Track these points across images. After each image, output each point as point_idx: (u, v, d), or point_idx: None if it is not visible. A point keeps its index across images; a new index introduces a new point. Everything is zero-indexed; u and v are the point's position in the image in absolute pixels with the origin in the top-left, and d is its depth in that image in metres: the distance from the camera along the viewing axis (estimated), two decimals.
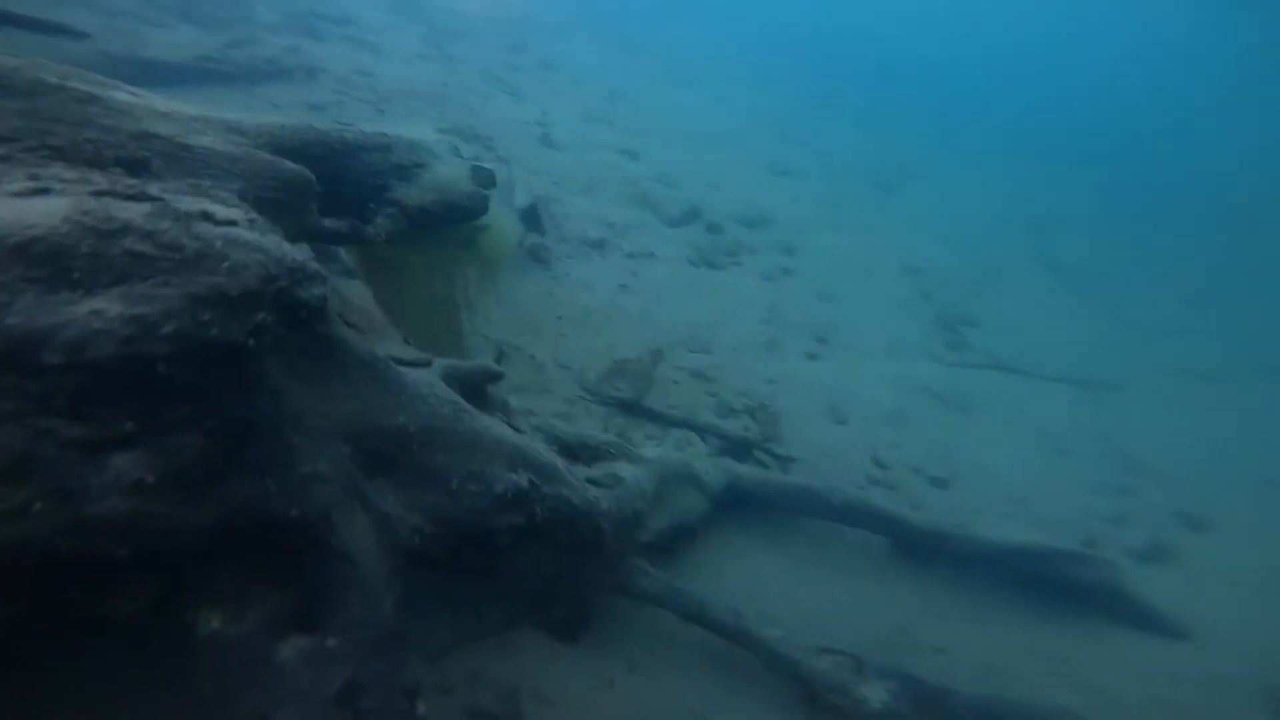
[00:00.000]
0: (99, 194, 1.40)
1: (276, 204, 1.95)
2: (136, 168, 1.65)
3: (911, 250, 9.41)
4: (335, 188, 2.43)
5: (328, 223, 2.23)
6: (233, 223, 1.56)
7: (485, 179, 3.49)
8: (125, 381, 1.20)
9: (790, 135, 13.24)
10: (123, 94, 1.92)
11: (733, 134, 11.92)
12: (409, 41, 9.87)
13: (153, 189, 1.57)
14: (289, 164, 2.00)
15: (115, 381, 1.19)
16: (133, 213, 1.33)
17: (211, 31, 7.70)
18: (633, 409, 4.57)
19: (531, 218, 5.44)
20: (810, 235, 8.90)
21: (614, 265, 6.25)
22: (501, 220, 3.64)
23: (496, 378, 2.62)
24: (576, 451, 3.13)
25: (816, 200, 10.42)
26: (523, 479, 2.29)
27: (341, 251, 3.18)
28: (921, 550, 4.18)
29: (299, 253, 1.68)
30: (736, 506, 4.10)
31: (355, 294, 3.25)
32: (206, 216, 1.52)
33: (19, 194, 1.31)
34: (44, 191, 1.34)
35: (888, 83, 19.71)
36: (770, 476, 4.52)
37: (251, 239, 1.53)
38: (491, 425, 2.36)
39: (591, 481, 3.00)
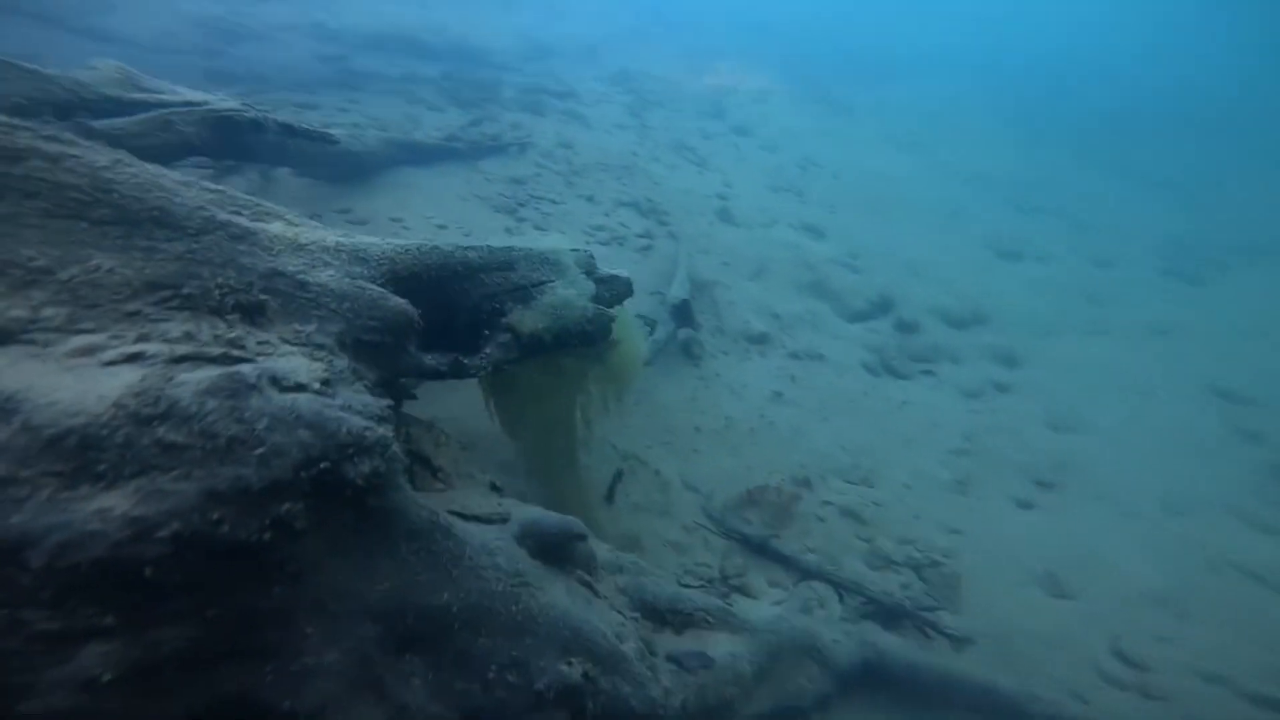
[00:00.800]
0: (180, 360, 1.53)
1: (373, 346, 2.06)
2: (253, 313, 1.82)
3: (1228, 367, 7.29)
4: (449, 315, 2.55)
5: (429, 359, 2.33)
6: (300, 387, 1.64)
7: (620, 290, 3.49)
8: (112, 580, 1.24)
9: (1033, 205, 11.73)
10: (277, 225, 2.18)
11: (951, 205, 10.94)
12: (613, 111, 10.73)
13: (251, 341, 1.71)
14: (392, 302, 2.12)
15: (101, 580, 1.23)
16: (189, 388, 1.43)
17: (466, 111, 9.04)
18: (760, 548, 4.19)
19: (684, 313, 5.40)
20: (1045, 340, 7.55)
21: (772, 367, 5.94)
22: (631, 335, 3.61)
23: (579, 538, 2.51)
24: (666, 617, 2.88)
25: (1064, 292, 8.87)
26: (575, 671, 2.12)
27: None
28: None
29: (361, 419, 1.72)
30: (876, 686, 3.51)
31: (475, 404, 3.40)
32: (275, 382, 1.61)
33: (110, 363, 1.47)
34: (135, 358, 1.50)
35: (1210, 137, 16.67)
36: (929, 659, 3.82)
37: (309, 411, 1.59)
38: (555, 602, 2.23)
39: (674, 660, 2.73)
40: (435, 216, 6.16)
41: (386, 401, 2.01)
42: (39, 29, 8.55)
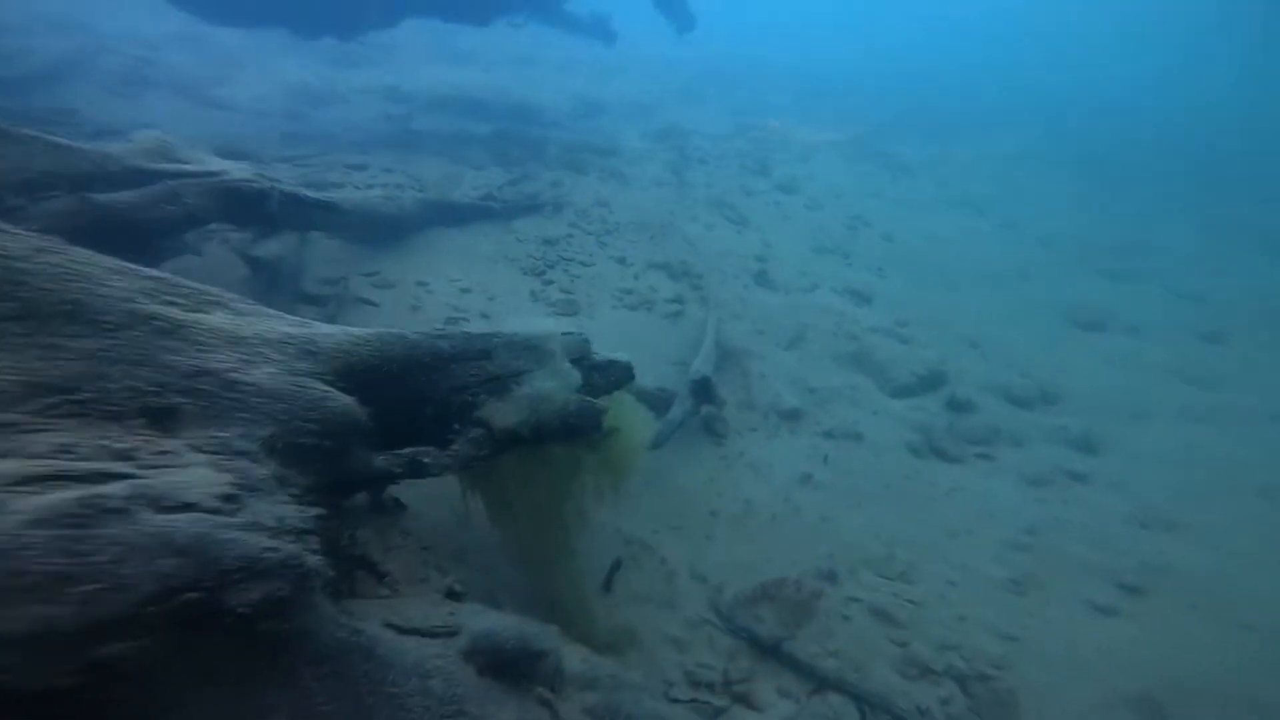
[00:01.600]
0: (30, 480, 1.44)
1: (310, 449, 1.97)
2: (163, 418, 1.74)
3: None
4: (414, 408, 2.45)
5: (380, 459, 2.22)
6: (188, 507, 1.54)
7: (618, 377, 3.35)
8: None
9: (1121, 270, 10.82)
10: (218, 316, 2.13)
11: (1019, 270, 10.25)
12: (654, 169, 10.79)
13: (147, 452, 1.63)
14: (335, 402, 2.03)
15: None
16: (16, 518, 1.33)
17: (509, 169, 9.23)
18: (771, 651, 3.83)
19: (704, 390, 5.19)
20: (1132, 424, 6.81)
21: (803, 446, 5.60)
22: (631, 423, 3.44)
23: (539, 655, 2.31)
24: None
25: (1157, 370, 8.03)
26: None
27: None
28: None
29: (266, 539, 1.61)
30: None
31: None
32: (153, 502, 1.51)
33: None
34: None
35: None
36: None
37: (187, 535, 1.48)
38: None
39: None
40: (461, 280, 6.23)
41: (314, 512, 1.90)
42: (174, 99, 10.27)
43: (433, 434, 2.55)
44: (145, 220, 3.24)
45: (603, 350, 3.32)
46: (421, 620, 2.21)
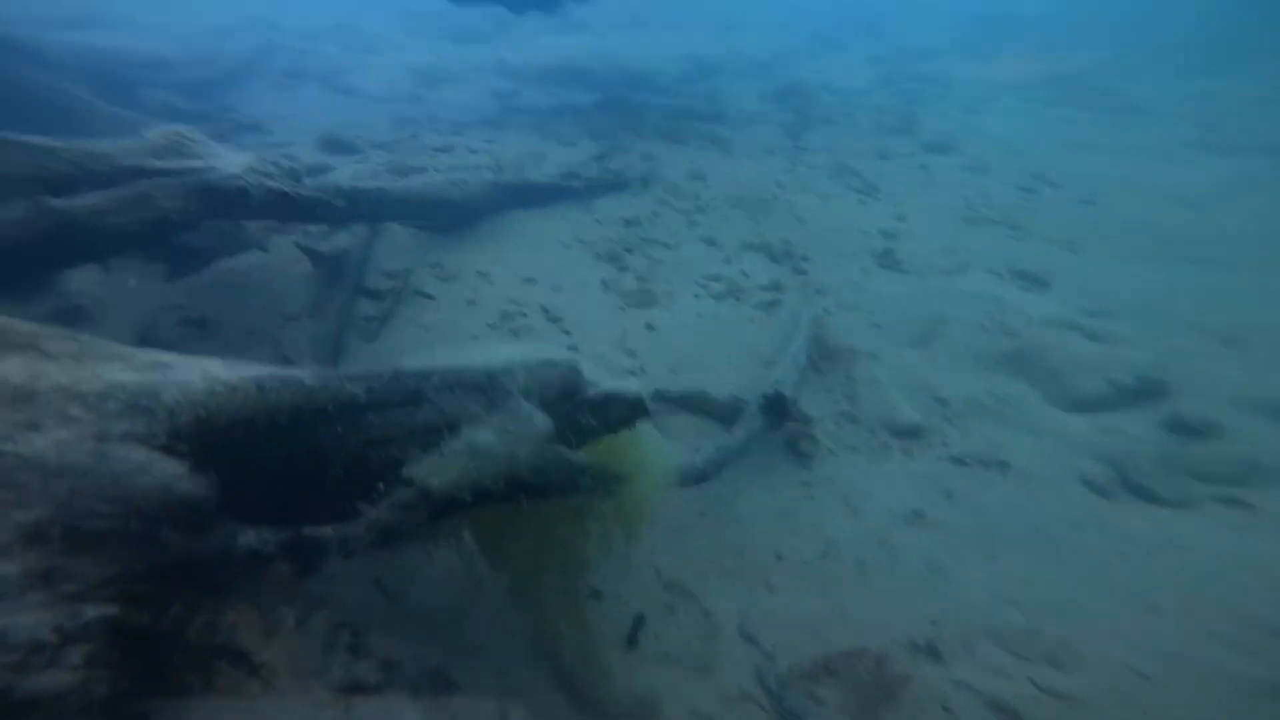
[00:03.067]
0: None
1: (108, 535, 1.59)
2: None
3: None
4: (315, 469, 2.02)
5: (248, 536, 1.81)
6: None
7: (619, 415, 2.72)
8: None
9: None
10: (9, 364, 1.80)
11: None
12: (765, 134, 9.92)
13: None
14: (149, 478, 1.66)
15: None
16: None
17: (599, 143, 8.91)
18: None
19: (777, 409, 4.34)
20: None
21: (919, 474, 4.57)
22: (647, 466, 2.81)
23: None
24: None
25: None
26: None
27: None
28: None
29: None
30: None
31: None
32: None
33: None
34: None
35: None
36: None
37: None
38: None
39: None
40: (526, 269, 5.86)
41: (94, 614, 1.54)
42: (317, 89, 11.44)
43: (347, 498, 2.10)
44: (113, 225, 3.13)
45: (669, 353, 2.69)
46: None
